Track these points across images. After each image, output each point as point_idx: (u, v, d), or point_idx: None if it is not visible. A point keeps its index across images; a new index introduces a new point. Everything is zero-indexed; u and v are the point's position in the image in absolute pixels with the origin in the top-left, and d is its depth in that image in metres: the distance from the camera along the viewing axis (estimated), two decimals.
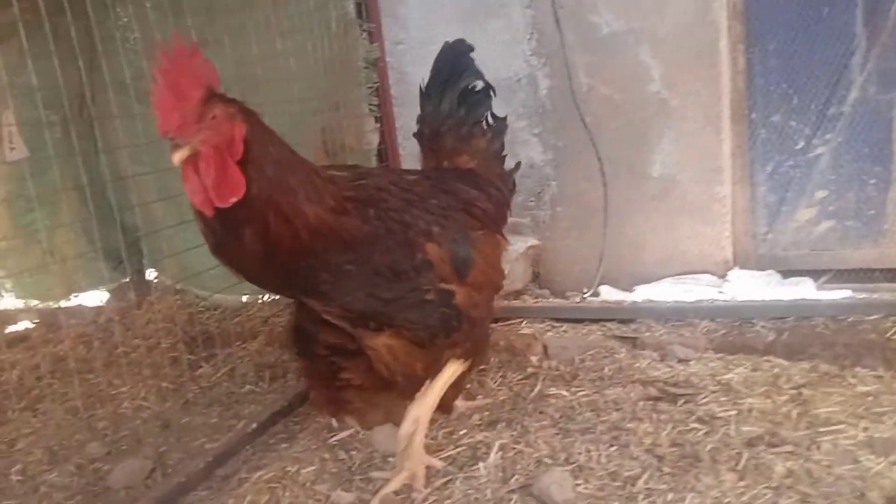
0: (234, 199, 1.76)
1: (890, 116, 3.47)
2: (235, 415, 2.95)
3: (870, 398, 2.55)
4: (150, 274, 4.36)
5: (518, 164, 2.88)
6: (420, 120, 2.68)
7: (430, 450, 2.45)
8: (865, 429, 2.33)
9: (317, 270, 1.93)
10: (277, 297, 3.76)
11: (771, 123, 3.67)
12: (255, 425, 2.69)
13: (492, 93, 2.68)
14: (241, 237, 1.81)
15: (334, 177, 2.05)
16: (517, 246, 3.93)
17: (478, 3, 3.91)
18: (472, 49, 2.69)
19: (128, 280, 4.21)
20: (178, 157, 1.71)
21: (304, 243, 1.87)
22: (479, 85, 2.65)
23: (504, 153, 2.76)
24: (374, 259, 1.99)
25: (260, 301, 3.90)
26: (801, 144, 3.63)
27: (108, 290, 4.37)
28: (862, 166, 3.54)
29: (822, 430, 2.35)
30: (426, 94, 2.65)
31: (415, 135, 2.72)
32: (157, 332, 3.70)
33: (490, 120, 2.71)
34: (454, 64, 2.64)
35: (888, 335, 2.86)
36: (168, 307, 3.94)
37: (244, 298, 3.89)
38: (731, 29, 3.60)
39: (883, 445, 2.22)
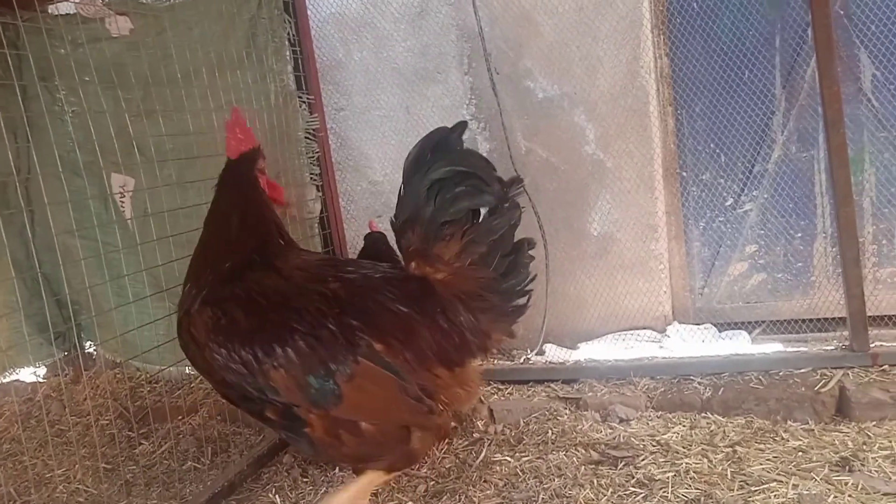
0: None
1: (811, 173, 3.64)
2: (176, 495, 2.88)
3: (800, 453, 2.62)
4: (90, 347, 4.26)
5: (527, 278, 2.27)
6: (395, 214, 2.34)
7: None
8: (795, 486, 2.39)
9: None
10: None
11: (701, 181, 3.82)
12: None
13: (484, 186, 2.16)
14: None
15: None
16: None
17: (417, 69, 4.01)
18: (454, 132, 2.23)
19: (66, 355, 4.11)
20: None
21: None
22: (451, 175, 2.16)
23: (504, 255, 2.17)
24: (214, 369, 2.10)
25: None
26: (731, 201, 3.78)
27: (46, 366, 4.26)
28: (788, 221, 3.69)
29: (754, 489, 2.40)
30: (402, 184, 2.31)
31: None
32: (95, 408, 3.61)
33: (473, 217, 2.19)
34: (431, 151, 2.21)
35: (816, 388, 2.95)
36: (107, 382, 3.85)
37: (188, 370, 3.82)
38: (659, 93, 3.75)
39: (811, 502, 2.29)
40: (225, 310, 2.11)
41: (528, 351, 3.84)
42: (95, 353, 4.21)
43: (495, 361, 3.79)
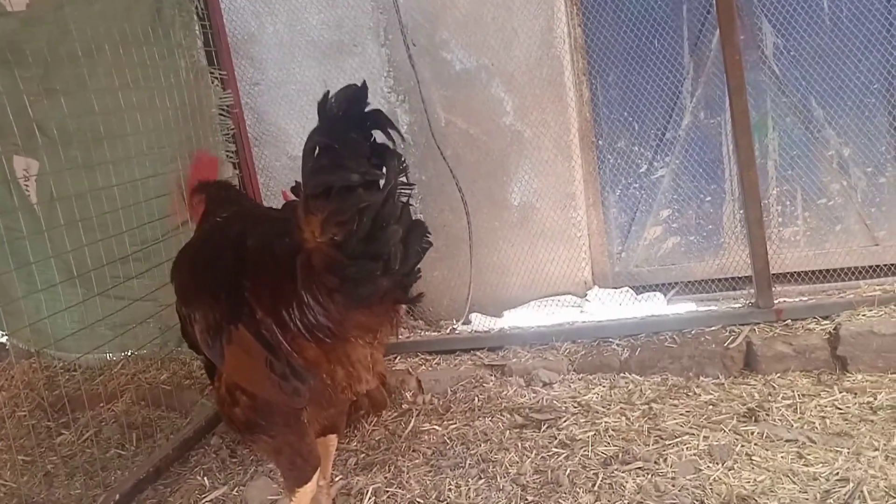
0: None
1: (719, 138, 3.79)
2: (100, 483, 2.82)
3: (710, 407, 2.78)
4: (1, 337, 4.09)
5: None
6: None
7: None
8: (706, 437, 2.54)
9: None
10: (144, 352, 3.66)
11: (617, 149, 3.92)
12: (118, 496, 2.58)
13: (346, 161, 1.80)
14: None
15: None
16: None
17: (333, 41, 3.95)
18: (332, 97, 1.86)
19: None
20: None
21: None
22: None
23: (360, 239, 1.83)
24: None
25: (126, 356, 3.73)
26: (645, 168, 3.90)
27: None
28: (698, 185, 3.85)
29: (668, 443, 2.54)
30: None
31: None
32: (11, 399, 3.48)
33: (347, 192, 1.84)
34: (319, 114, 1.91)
35: (726, 344, 3.12)
36: (22, 372, 3.71)
37: (108, 356, 3.72)
38: (574, 62, 3.82)
39: (720, 452, 2.43)
40: (177, 264, 2.34)
41: (455, 321, 3.90)
42: (7, 343, 4.04)
43: (422, 333, 3.84)
